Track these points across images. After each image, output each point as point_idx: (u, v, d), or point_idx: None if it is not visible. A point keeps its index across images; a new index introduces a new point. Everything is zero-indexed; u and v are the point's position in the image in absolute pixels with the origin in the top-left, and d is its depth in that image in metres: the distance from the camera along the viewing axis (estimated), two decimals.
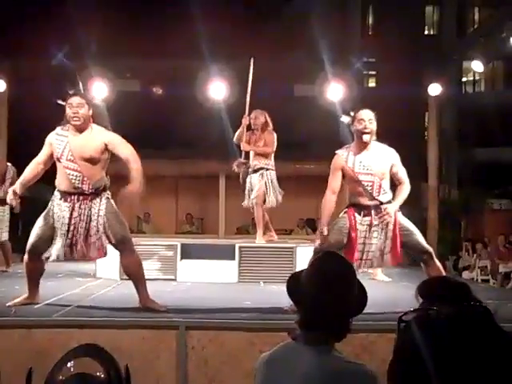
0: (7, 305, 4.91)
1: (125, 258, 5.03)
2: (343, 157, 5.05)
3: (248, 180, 7.54)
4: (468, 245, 12.95)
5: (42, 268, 5.05)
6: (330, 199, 5.06)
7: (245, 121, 7.48)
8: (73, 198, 4.93)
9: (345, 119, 5.14)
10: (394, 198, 5.05)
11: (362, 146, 4.99)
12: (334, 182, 5.08)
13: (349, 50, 16.99)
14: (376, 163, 4.98)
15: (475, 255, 12.17)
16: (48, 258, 5.06)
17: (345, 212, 5.08)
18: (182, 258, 7.17)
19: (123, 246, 4.99)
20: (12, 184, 7.72)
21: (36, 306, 4.92)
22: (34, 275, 5.03)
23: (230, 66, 8.26)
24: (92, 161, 4.95)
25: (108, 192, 5.06)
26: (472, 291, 1.38)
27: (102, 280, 6.88)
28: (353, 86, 9.50)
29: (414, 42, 19.62)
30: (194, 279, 6.93)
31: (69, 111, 4.97)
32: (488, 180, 17.90)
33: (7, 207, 8.17)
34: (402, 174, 5.07)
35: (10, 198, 4.94)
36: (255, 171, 7.48)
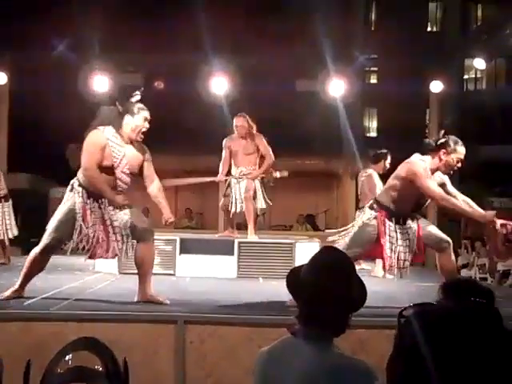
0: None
1: (145, 247, 4.95)
2: (423, 167, 4.99)
3: (236, 186, 7.38)
4: (467, 243, 12.92)
5: (45, 265, 5.03)
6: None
7: (220, 177, 7.47)
8: (103, 200, 4.86)
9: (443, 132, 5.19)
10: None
11: (439, 170, 5.07)
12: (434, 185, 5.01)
13: (351, 46, 16.96)
14: (437, 181, 5.09)
15: (474, 253, 12.15)
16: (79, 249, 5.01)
17: (374, 217, 5.05)
18: (181, 253, 7.16)
19: (147, 235, 4.96)
20: None
21: (35, 299, 4.91)
22: (36, 271, 4.99)
23: (233, 61, 8.24)
24: (135, 174, 4.98)
25: None
26: (495, 300, 1.30)
27: (100, 274, 6.88)
28: (354, 82, 9.49)
29: (417, 39, 19.57)
30: (192, 274, 6.93)
31: (142, 125, 4.85)
32: (489, 178, 17.88)
33: (10, 203, 8.09)
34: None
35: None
36: (243, 176, 7.38)
